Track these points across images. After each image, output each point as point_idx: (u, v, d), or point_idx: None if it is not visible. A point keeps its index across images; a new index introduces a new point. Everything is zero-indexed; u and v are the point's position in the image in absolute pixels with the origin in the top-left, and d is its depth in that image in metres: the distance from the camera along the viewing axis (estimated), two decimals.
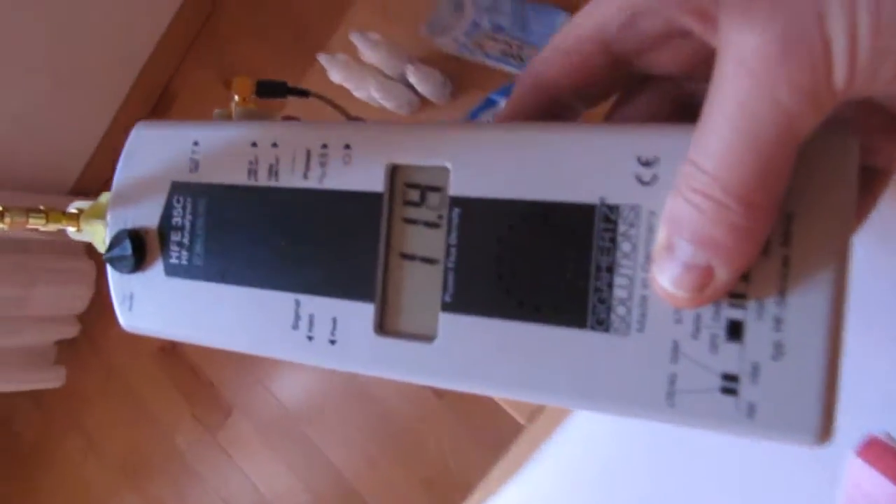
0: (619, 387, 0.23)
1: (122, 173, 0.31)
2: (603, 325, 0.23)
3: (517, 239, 0.24)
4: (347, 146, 0.27)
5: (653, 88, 0.26)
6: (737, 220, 0.20)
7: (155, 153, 0.31)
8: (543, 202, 0.24)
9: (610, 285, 0.23)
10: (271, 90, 0.31)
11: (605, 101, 0.28)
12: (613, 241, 0.23)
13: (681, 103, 0.26)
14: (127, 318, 0.31)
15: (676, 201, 0.21)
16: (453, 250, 0.25)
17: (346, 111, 0.31)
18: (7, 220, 0.31)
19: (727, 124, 0.19)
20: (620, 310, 0.23)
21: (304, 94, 0.32)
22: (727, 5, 0.19)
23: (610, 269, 0.23)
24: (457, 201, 0.25)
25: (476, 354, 0.25)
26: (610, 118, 0.28)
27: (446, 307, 0.25)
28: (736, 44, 0.18)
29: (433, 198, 0.26)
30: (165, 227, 0.30)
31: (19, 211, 0.31)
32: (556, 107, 0.27)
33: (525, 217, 0.24)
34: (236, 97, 0.32)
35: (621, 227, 0.23)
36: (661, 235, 0.22)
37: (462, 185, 0.25)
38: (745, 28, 0.18)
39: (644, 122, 0.26)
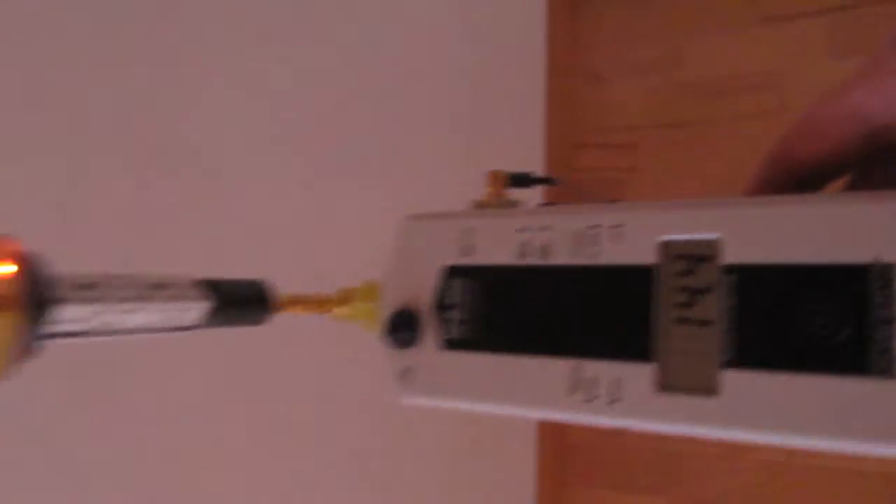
0: None
1: (396, 261, 0.36)
2: (886, 372, 0.26)
3: (793, 298, 0.27)
4: (618, 225, 0.31)
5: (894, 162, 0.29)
6: None
7: (427, 242, 0.35)
8: (819, 265, 0.27)
9: (890, 336, 0.26)
10: (522, 181, 0.36)
11: (839, 179, 0.31)
12: (890, 296, 0.26)
13: None
14: (405, 392, 0.35)
15: None
16: (728, 312, 0.28)
17: (589, 195, 0.35)
18: (291, 309, 0.36)
19: None
20: None
21: (549, 182, 0.36)
22: None
23: (889, 322, 0.26)
24: (730, 269, 0.28)
25: (760, 406, 0.27)
26: (855, 187, 0.31)
27: (725, 364, 0.28)
28: None
29: (704, 267, 0.29)
30: (440, 305, 0.34)
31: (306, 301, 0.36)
32: (797, 182, 0.30)
33: (800, 278, 0.27)
34: (489, 188, 0.36)
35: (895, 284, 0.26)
36: None
37: (735, 253, 0.28)
38: None
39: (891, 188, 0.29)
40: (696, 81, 1.61)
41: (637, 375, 0.30)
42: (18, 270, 0.25)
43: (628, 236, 0.30)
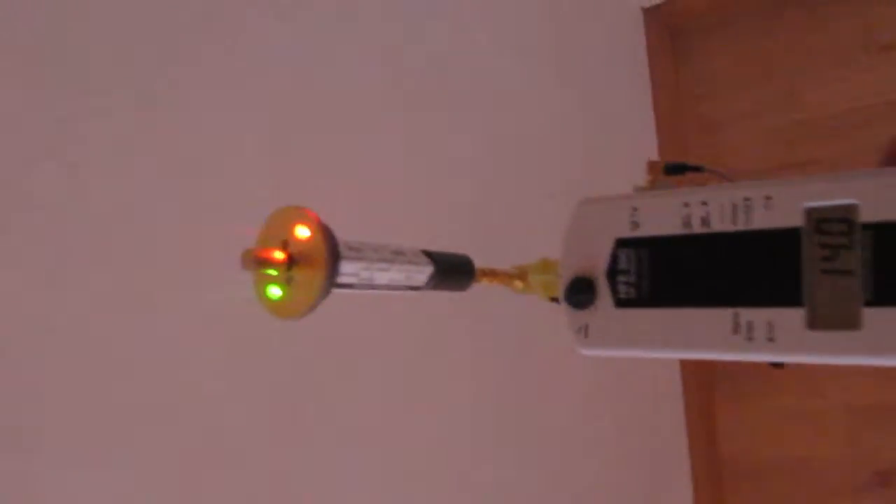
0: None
1: (571, 237, 0.43)
2: None
3: None
4: (769, 197, 0.38)
5: None
6: None
7: (599, 220, 0.42)
8: None
9: None
10: (676, 169, 0.43)
11: None
12: None
13: None
14: (583, 345, 0.42)
15: None
16: (866, 262, 0.35)
17: (731, 178, 0.43)
18: (486, 280, 0.44)
19: None
20: None
21: (699, 169, 0.43)
22: None
23: None
24: (866, 226, 0.35)
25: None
26: None
27: (868, 303, 0.35)
28: None
29: (843, 227, 0.36)
30: (612, 272, 0.41)
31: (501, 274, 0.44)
32: None
33: None
34: (648, 176, 0.43)
35: None
36: None
37: (872, 213, 0.35)
38: None
39: None
40: (813, 119, 1.65)
41: (790, 317, 0.36)
42: (322, 235, 0.34)
43: (777, 205, 0.37)
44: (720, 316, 0.38)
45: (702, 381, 1.76)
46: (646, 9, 1.87)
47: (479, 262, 0.43)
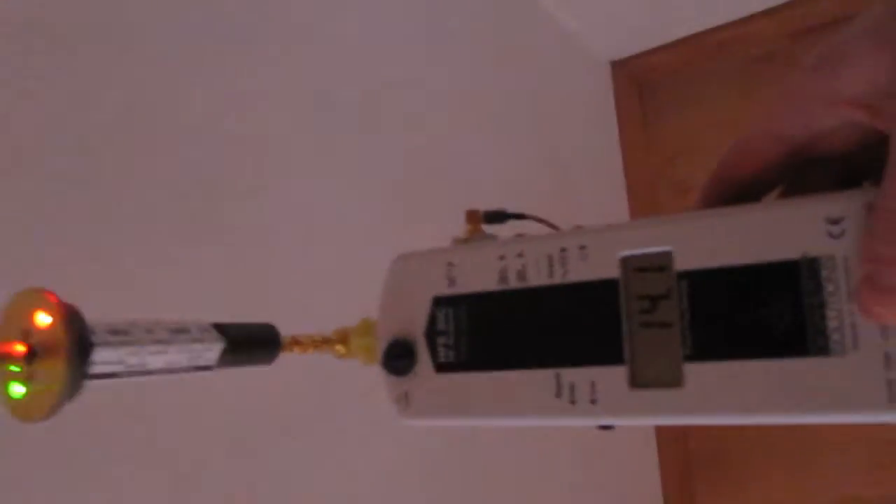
0: (848, 397, 0.29)
1: (388, 296, 0.39)
2: (824, 350, 0.30)
3: (738, 295, 0.32)
4: (583, 247, 0.35)
5: (816, 171, 0.34)
6: None
7: (415, 277, 0.39)
8: (756, 264, 0.31)
9: (823, 318, 0.30)
10: (496, 217, 0.40)
11: (775, 189, 0.35)
12: (819, 284, 0.30)
13: (842, 178, 0.34)
14: (405, 415, 0.38)
15: (873, 241, 0.28)
16: (686, 313, 0.33)
17: (556, 225, 0.40)
18: (297, 349, 0.40)
19: None
20: (836, 336, 0.30)
21: (521, 217, 0.41)
22: None
23: (821, 306, 0.30)
24: (682, 275, 0.33)
25: (720, 392, 0.31)
26: (786, 196, 0.35)
27: (688, 358, 0.32)
28: None
29: (660, 276, 0.34)
30: (431, 333, 0.38)
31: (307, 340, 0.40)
32: (737, 195, 0.35)
33: (742, 277, 0.32)
34: (467, 226, 0.40)
35: (823, 273, 0.30)
36: (863, 271, 0.29)
37: (685, 261, 0.33)
38: None
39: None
40: None
41: (611, 376, 0.34)
42: (61, 319, 0.29)
43: (593, 255, 0.35)
44: (542, 378, 0.35)
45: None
46: (614, 62, 1.78)
47: None
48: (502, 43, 1.38)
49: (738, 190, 0.35)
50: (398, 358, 0.38)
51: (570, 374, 0.34)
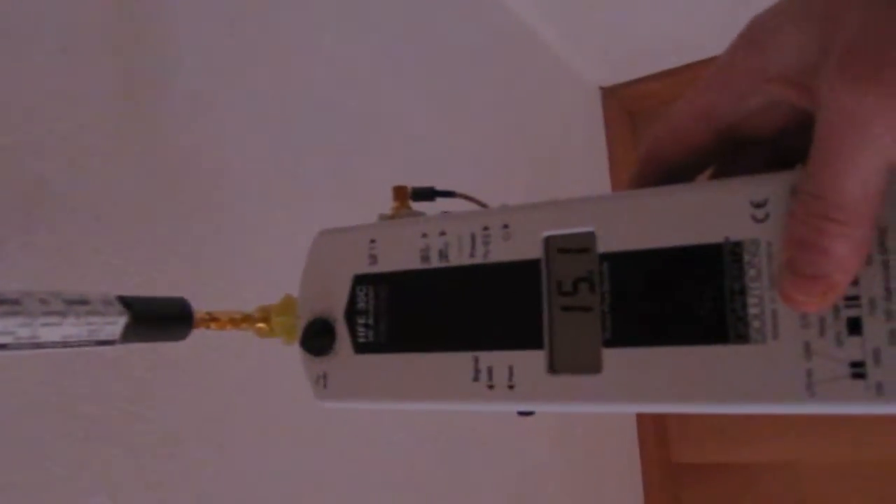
0: (766, 387, 0.28)
1: (309, 274, 0.38)
2: (743, 337, 0.29)
3: (659, 279, 0.31)
4: (506, 226, 0.34)
5: (747, 153, 0.33)
6: (849, 232, 0.26)
7: (337, 254, 0.37)
8: (678, 247, 0.30)
9: (744, 305, 0.29)
10: (424, 195, 0.39)
11: (706, 170, 0.34)
12: (741, 269, 0.29)
13: (771, 161, 0.33)
14: (322, 397, 0.37)
15: (796, 225, 0.27)
16: (607, 297, 0.31)
17: (485, 203, 0.39)
18: (214, 325, 0.38)
19: (837, 160, 0.25)
20: (756, 323, 0.29)
21: (450, 194, 0.39)
22: (836, 78, 0.25)
23: (742, 292, 0.29)
24: (605, 257, 0.32)
25: (638, 379, 0.30)
26: (716, 177, 0.34)
27: (607, 343, 0.31)
28: (841, 102, 0.25)
29: (583, 257, 0.32)
30: (352, 312, 0.36)
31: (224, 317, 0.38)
32: (668, 176, 0.33)
33: (664, 261, 0.30)
34: (394, 203, 0.39)
35: (746, 258, 0.29)
36: (784, 256, 0.28)
37: (608, 243, 0.32)
38: (850, 92, 0.24)
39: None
40: None
41: (529, 361, 0.32)
42: None
43: (515, 234, 0.33)
44: (460, 361, 0.34)
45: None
46: (604, 88, 1.74)
47: None
48: (493, 63, 1.35)
49: (669, 171, 0.33)
50: (317, 337, 0.37)
51: (489, 358, 0.33)
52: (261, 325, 0.40)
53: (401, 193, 0.38)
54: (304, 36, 0.88)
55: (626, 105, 1.79)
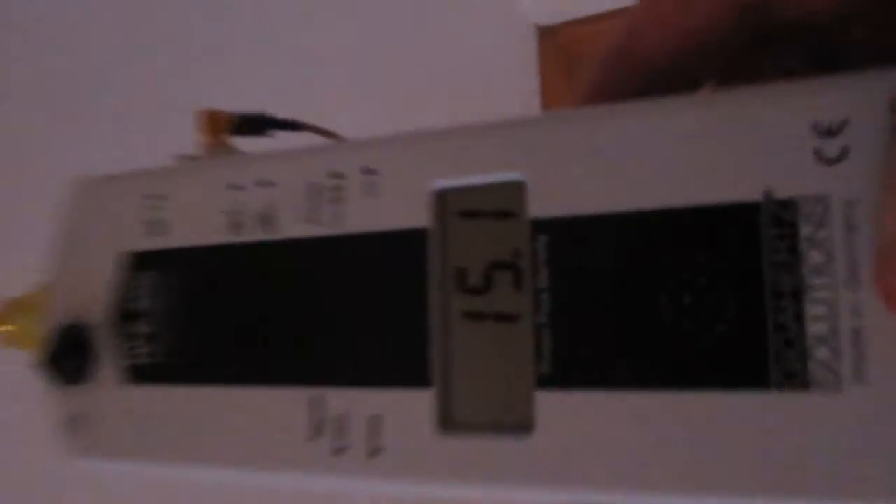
0: (840, 474, 0.15)
1: (60, 252, 0.23)
2: (796, 379, 0.15)
3: (638, 269, 0.17)
4: (371, 171, 0.19)
5: (783, 46, 0.19)
6: None
7: (103, 217, 0.22)
8: (677, 209, 0.16)
9: (799, 318, 0.15)
10: (251, 126, 0.24)
11: (709, 77, 0.20)
12: (795, 251, 0.15)
13: (822, 59, 0.19)
14: (77, 451, 0.22)
15: None
16: (544, 297, 0.17)
17: (341, 136, 0.24)
18: None
19: None
20: (821, 353, 0.15)
21: (295, 127, 0.25)
22: None
23: (796, 294, 0.15)
24: (540, 225, 0.17)
25: (598, 446, 0.17)
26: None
27: (544, 381, 0.17)
28: None
29: (503, 226, 0.18)
30: (122, 315, 0.22)
31: None
32: (649, 82, 0.19)
33: (650, 234, 0.17)
34: (203, 137, 0.24)
35: (804, 230, 0.15)
36: (889, 229, 0.14)
37: (546, 202, 0.17)
38: None
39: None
40: None
41: (408, 408, 0.18)
42: None
43: (386, 185, 0.19)
44: (290, 404, 0.19)
45: None
46: (541, 27, 1.64)
47: None
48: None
49: (649, 71, 0.19)
50: (66, 356, 0.22)
51: (337, 401, 0.19)
52: (7, 327, 0.25)
53: (214, 122, 0.23)
54: None
55: (567, 50, 1.70)
